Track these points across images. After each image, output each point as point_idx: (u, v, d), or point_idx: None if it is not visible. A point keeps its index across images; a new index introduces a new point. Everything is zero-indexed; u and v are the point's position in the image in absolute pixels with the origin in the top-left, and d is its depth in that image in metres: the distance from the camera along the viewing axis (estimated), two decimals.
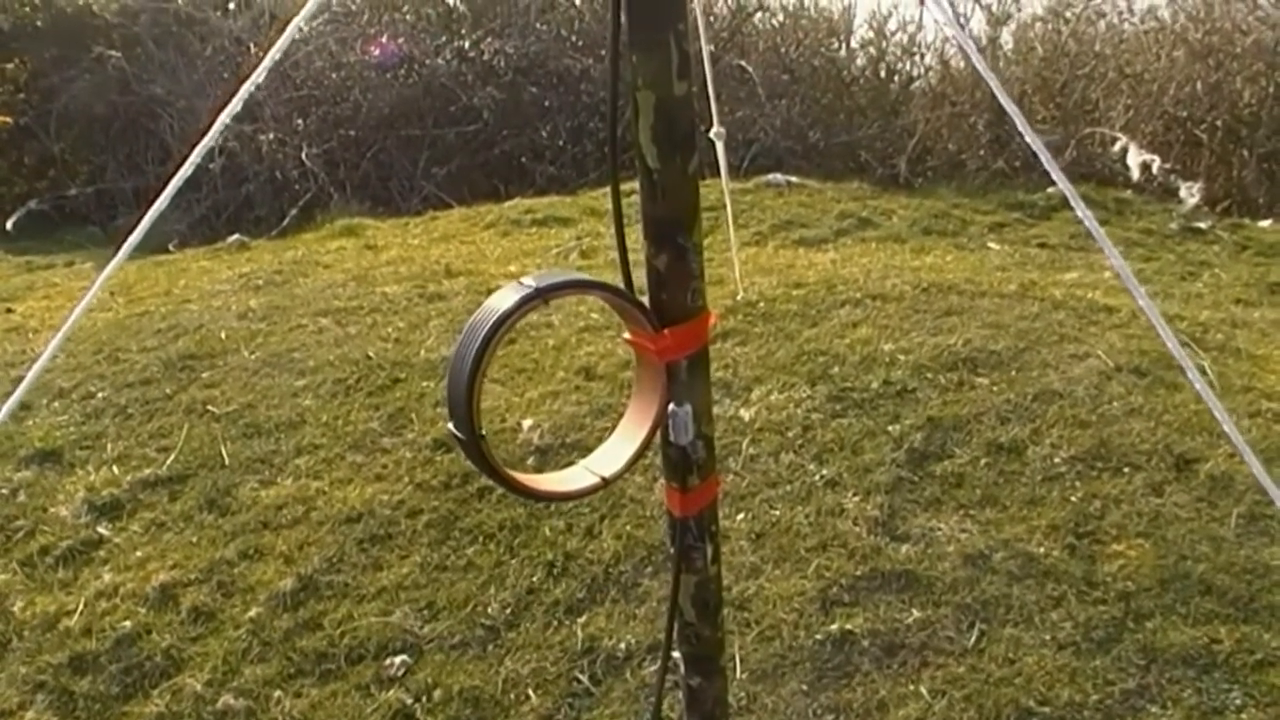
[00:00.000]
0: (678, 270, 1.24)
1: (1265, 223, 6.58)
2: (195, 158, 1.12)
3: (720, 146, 3.68)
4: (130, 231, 1.39)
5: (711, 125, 3.71)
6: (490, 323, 1.15)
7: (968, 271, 4.95)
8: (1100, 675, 2.66)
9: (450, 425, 1.18)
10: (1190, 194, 6.75)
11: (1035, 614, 2.82)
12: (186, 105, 8.55)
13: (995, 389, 3.65)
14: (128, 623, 3.03)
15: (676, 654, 1.48)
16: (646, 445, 1.26)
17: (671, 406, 1.25)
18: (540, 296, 1.18)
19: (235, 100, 1.13)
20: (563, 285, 1.20)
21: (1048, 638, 2.76)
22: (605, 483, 1.24)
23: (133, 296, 5.46)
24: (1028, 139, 1.21)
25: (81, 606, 3.11)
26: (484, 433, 1.16)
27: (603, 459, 1.26)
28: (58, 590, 3.20)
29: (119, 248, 1.42)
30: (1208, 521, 3.09)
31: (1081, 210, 1.26)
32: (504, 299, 1.17)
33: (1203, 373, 3.84)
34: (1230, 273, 5.57)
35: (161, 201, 1.19)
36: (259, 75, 1.11)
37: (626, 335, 1.27)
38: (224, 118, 1.14)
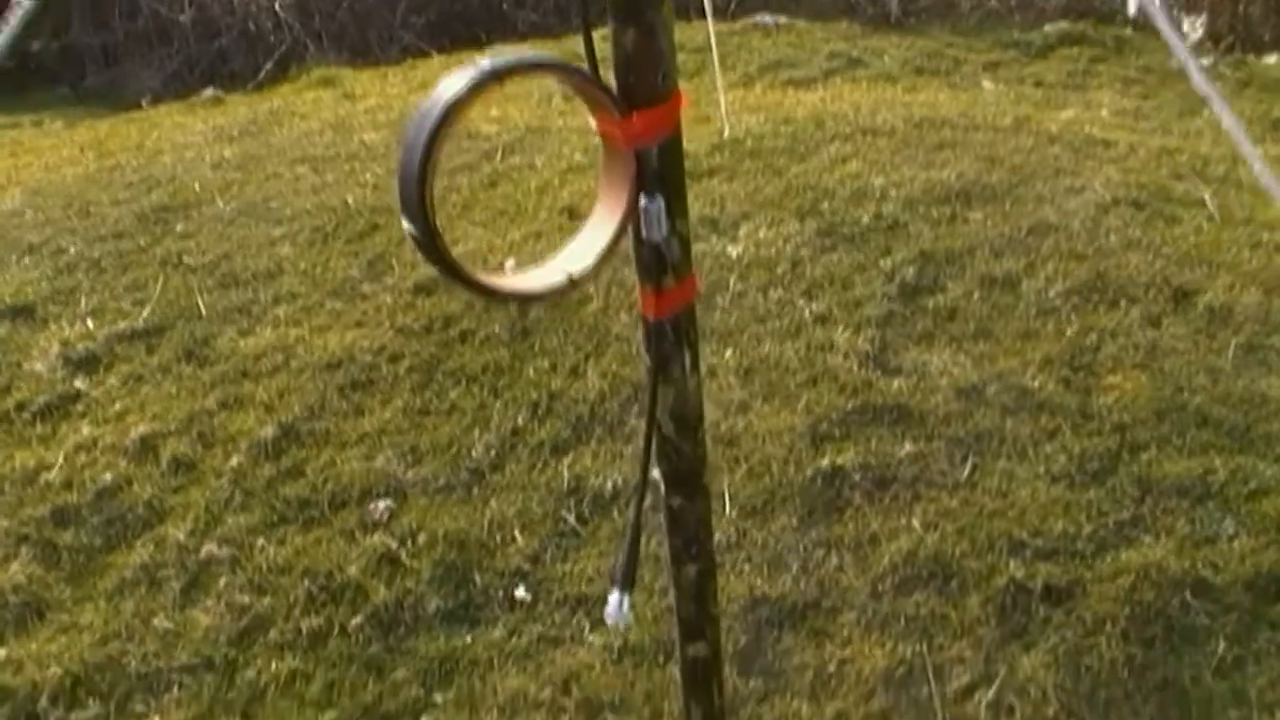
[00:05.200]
0: (646, 49, 1.13)
1: (1271, 58, 6.39)
2: None
3: None
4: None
5: None
6: (440, 106, 1.05)
7: (961, 107, 4.82)
8: (1094, 507, 2.63)
9: (404, 222, 1.09)
10: (1193, 29, 6.56)
11: (1029, 447, 2.78)
12: None
13: (989, 222, 3.56)
14: (108, 475, 3.00)
15: (656, 474, 1.42)
16: (617, 241, 1.17)
17: (643, 200, 1.15)
18: (495, 77, 1.08)
19: None
20: (519, 65, 1.10)
21: (1041, 470, 2.73)
22: (573, 283, 1.16)
23: (103, 151, 5.33)
24: None
25: (61, 461, 3.07)
26: (440, 227, 1.07)
27: (570, 257, 1.17)
28: (36, 445, 3.16)
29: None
30: (1205, 353, 3.04)
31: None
32: (456, 81, 1.07)
33: (1203, 205, 3.75)
34: (1233, 109, 5.43)
35: None
36: None
37: (593, 123, 1.17)
38: None
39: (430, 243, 1.06)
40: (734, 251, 3.50)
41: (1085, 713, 2.26)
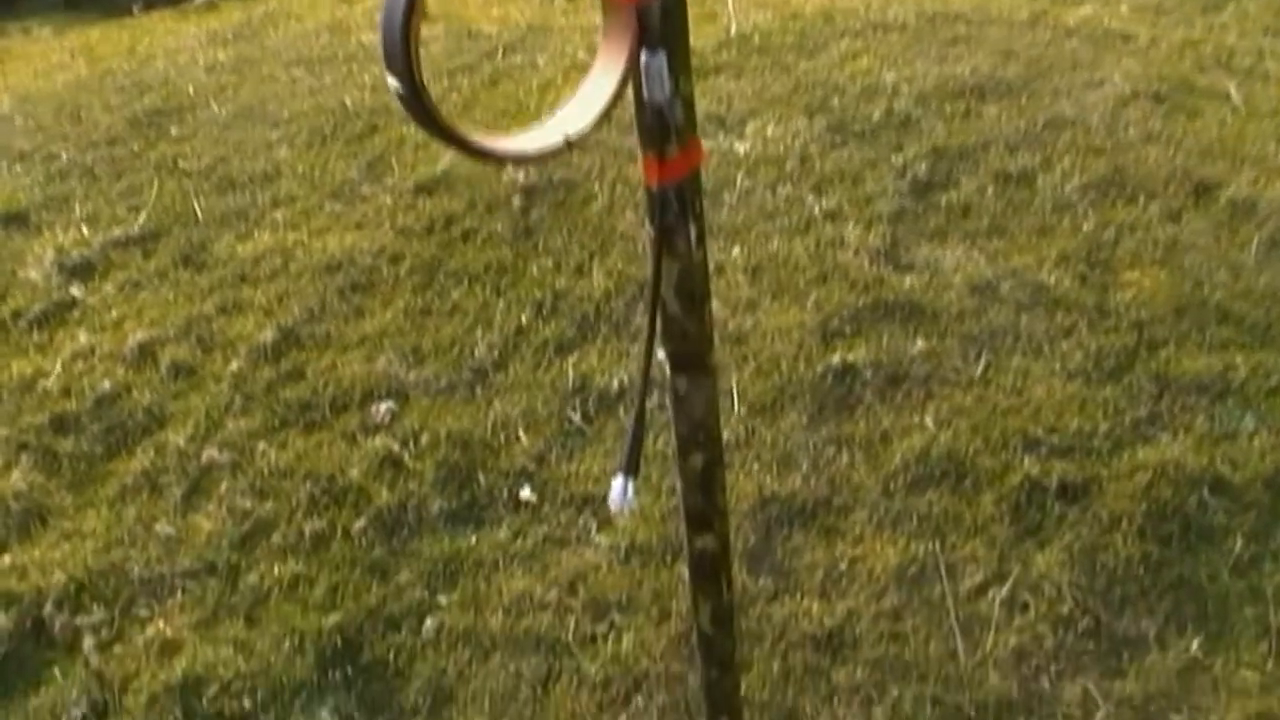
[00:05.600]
0: None
1: None
2: None
3: None
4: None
5: None
6: None
7: (975, 2, 4.68)
8: (1111, 404, 2.59)
9: (389, 79, 1.01)
10: None
11: (1044, 343, 2.72)
12: None
13: (1004, 117, 3.46)
14: (107, 382, 2.95)
15: (662, 355, 1.35)
16: (616, 100, 1.09)
17: (644, 56, 1.07)
18: None
19: None
20: None
21: (1057, 367, 2.67)
22: (570, 145, 1.08)
23: (93, 56, 5.20)
24: None
25: (59, 369, 3.02)
26: (425, 84, 1.00)
27: (567, 118, 1.09)
28: (33, 353, 3.11)
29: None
30: (1227, 248, 2.97)
31: None
32: None
33: (1227, 97, 3.64)
34: (1259, 2, 5.28)
35: None
36: None
37: None
38: None
39: (416, 98, 0.99)
40: (741, 148, 3.40)
41: (1100, 610, 2.22)
